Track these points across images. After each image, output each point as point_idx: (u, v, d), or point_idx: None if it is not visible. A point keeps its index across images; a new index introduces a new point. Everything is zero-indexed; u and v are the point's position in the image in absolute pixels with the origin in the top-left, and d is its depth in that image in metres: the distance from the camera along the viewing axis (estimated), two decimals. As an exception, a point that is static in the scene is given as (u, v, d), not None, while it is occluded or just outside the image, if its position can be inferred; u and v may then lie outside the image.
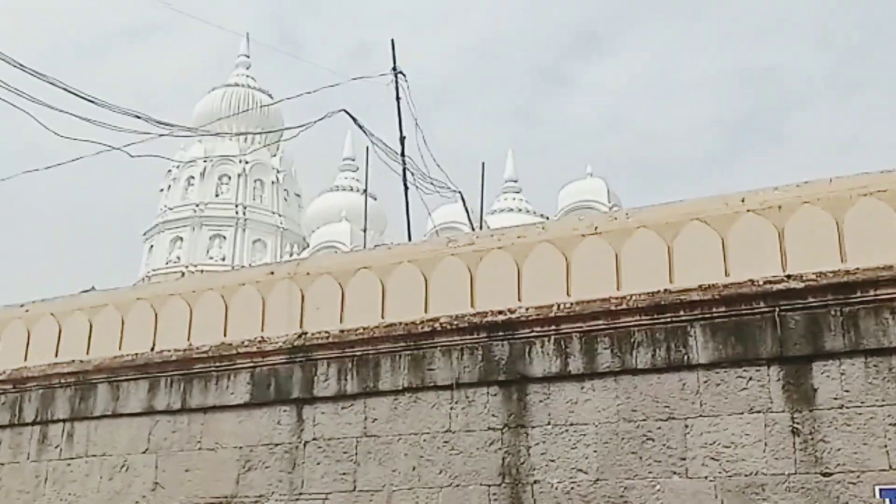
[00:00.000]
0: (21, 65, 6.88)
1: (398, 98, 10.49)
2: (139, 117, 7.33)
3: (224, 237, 28.74)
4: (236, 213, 29.23)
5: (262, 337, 6.32)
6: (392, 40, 10.58)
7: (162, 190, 30.26)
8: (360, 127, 9.60)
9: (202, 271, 23.89)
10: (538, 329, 5.61)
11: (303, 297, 6.32)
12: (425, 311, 5.94)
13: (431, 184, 10.89)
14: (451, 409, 5.73)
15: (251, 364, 6.31)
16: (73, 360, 6.84)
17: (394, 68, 10.51)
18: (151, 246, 29.18)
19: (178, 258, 27.84)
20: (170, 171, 30.24)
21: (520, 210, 27.52)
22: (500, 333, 5.70)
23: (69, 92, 6.92)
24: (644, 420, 5.29)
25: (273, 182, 30.63)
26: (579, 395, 5.46)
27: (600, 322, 5.48)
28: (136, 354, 6.66)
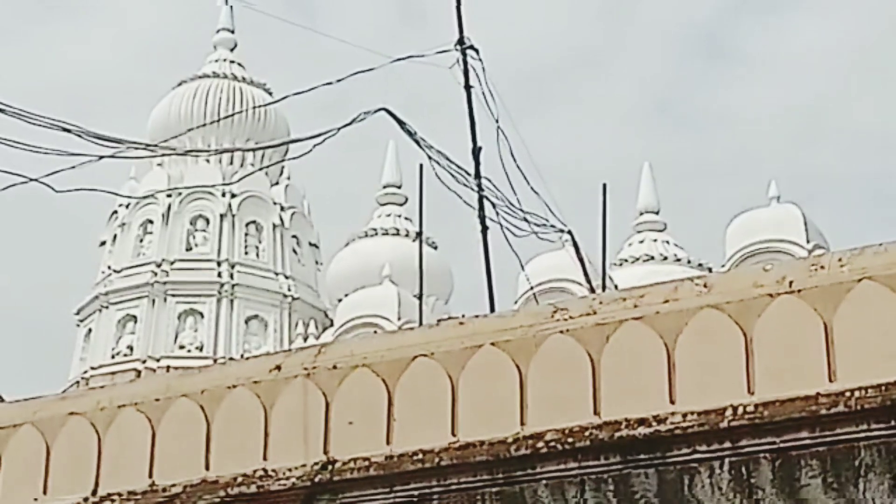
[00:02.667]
0: None
1: (468, 87, 10.48)
2: (68, 130, 7.45)
3: (201, 314, 29.06)
4: (219, 275, 29.56)
5: (266, 470, 6.33)
6: (458, 2, 10.60)
7: (103, 243, 30.74)
8: (411, 134, 9.65)
9: (168, 368, 24.20)
10: (704, 448, 5.54)
11: (327, 406, 6.33)
12: (521, 425, 5.91)
13: (525, 220, 10.87)
14: (570, 580, 5.69)
15: (249, 514, 6.31)
16: (-28, 514, 6.92)
17: (460, 41, 10.52)
18: (89, 330, 29.57)
19: (131, 348, 28.26)
20: (115, 213, 30.61)
21: (664, 258, 27.53)
22: (643, 457, 5.64)
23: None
24: (883, 593, 5.18)
25: (275, 225, 30.92)
26: (775, 553, 5.39)
27: (804, 434, 5.40)
28: None
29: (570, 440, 5.76)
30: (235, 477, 6.38)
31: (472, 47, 10.49)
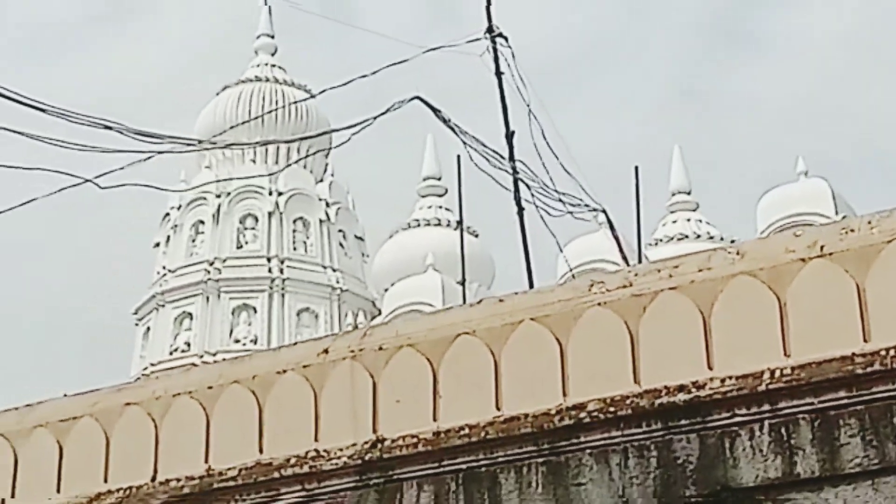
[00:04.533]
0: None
1: (499, 73, 10.40)
2: (109, 128, 7.40)
3: (254, 308, 29.11)
4: (269, 271, 29.59)
5: (318, 450, 6.29)
6: (485, -15, 10.51)
7: (157, 245, 30.83)
8: (445, 121, 9.59)
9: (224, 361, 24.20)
10: (743, 411, 5.46)
11: (374, 386, 6.29)
12: (563, 396, 5.86)
13: (560, 200, 10.78)
14: (616, 545, 5.62)
15: (303, 493, 6.29)
16: (38, 505, 6.92)
17: (489, 30, 10.45)
18: (147, 329, 29.67)
19: (188, 344, 28.30)
20: (167, 215, 30.70)
21: (697, 236, 27.46)
22: (684, 422, 5.57)
23: (32, 107, 7.02)
24: (925, 546, 5.08)
25: (322, 221, 30.91)
26: (817, 511, 5.30)
27: (841, 394, 5.32)
28: (131, 489, 6.70)
29: (611, 409, 5.70)
30: (288, 458, 6.35)
31: (501, 35, 10.44)
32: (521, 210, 10.54)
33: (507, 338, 6.07)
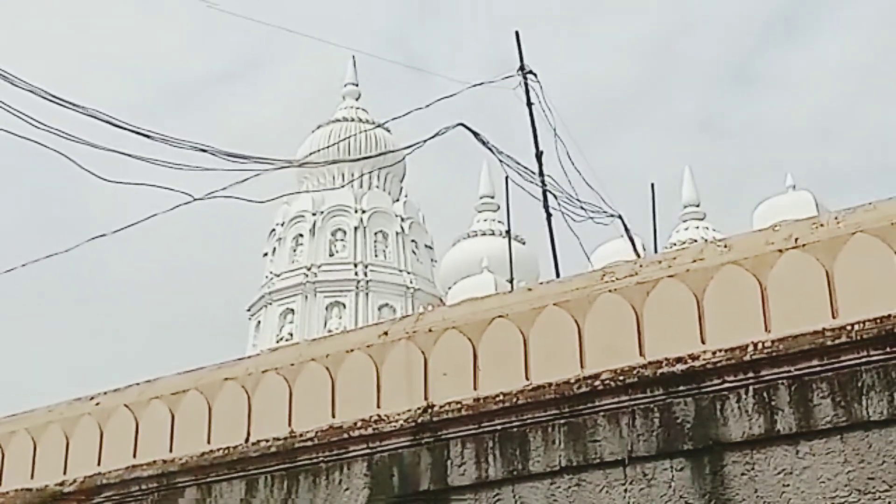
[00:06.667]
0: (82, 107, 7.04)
1: (529, 104, 10.26)
2: (203, 150, 7.36)
3: (343, 305, 29.10)
4: (356, 274, 29.59)
5: (379, 415, 6.17)
6: (516, 33, 10.38)
7: (266, 254, 30.96)
8: (484, 143, 9.45)
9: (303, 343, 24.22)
10: (731, 378, 5.28)
11: (425, 361, 6.15)
12: (581, 368, 5.69)
13: (582, 208, 10.60)
14: (626, 490, 5.43)
15: (367, 450, 6.15)
16: (155, 461, 6.84)
17: (521, 67, 10.30)
18: (258, 322, 29.77)
19: (291, 334, 28.29)
20: (273, 230, 30.91)
21: (706, 242, 26.95)
22: (682, 388, 5.40)
23: (140, 134, 7.04)
24: (887, 490, 4.86)
25: (398, 233, 30.91)
26: (794, 461, 5.10)
27: (814, 363, 5.12)
28: (229, 448, 6.60)
29: (621, 378, 5.53)
30: (356, 422, 6.22)
31: (531, 72, 10.32)
32: (549, 216, 10.45)
33: (535, 320, 5.92)
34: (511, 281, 20.18)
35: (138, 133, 6.83)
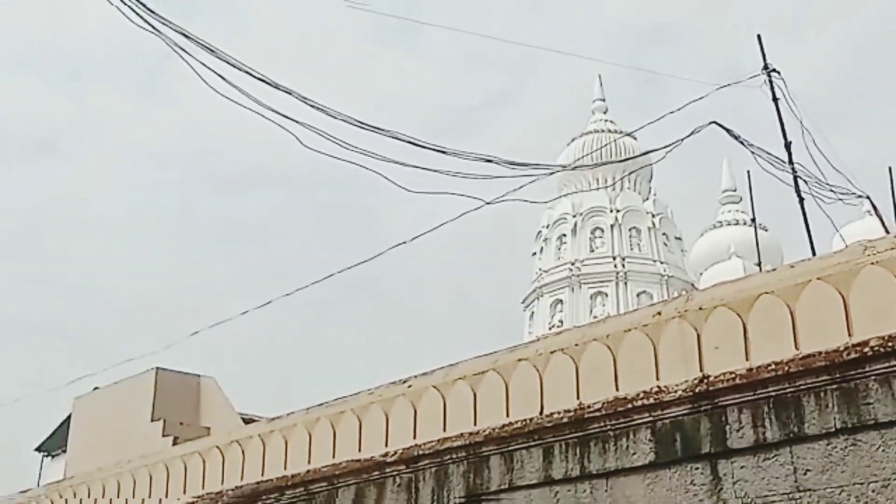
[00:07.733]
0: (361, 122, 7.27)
1: (775, 99, 9.89)
2: (489, 160, 7.44)
3: (605, 294, 28.98)
4: (615, 266, 29.45)
5: (659, 386, 6.06)
6: (759, 36, 10.07)
7: (534, 254, 31.30)
8: (736, 137, 9.15)
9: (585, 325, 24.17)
10: None
11: (698, 336, 6.01)
12: (849, 336, 5.40)
13: (831, 191, 10.09)
14: (901, 449, 5.12)
15: (650, 418, 6.07)
16: (462, 434, 6.97)
17: (765, 66, 9.95)
18: (532, 313, 30.10)
19: (561, 322, 28.40)
20: (539, 232, 31.25)
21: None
22: (951, 350, 5.04)
23: (437, 150, 7.24)
24: None
25: (650, 228, 30.57)
26: None
27: None
28: (526, 420, 6.65)
29: (889, 344, 5.21)
30: (638, 393, 6.14)
31: (774, 70, 9.96)
32: (801, 200, 10.02)
33: (800, 294, 5.66)
34: (759, 264, 19.50)
35: (435, 150, 7.03)
